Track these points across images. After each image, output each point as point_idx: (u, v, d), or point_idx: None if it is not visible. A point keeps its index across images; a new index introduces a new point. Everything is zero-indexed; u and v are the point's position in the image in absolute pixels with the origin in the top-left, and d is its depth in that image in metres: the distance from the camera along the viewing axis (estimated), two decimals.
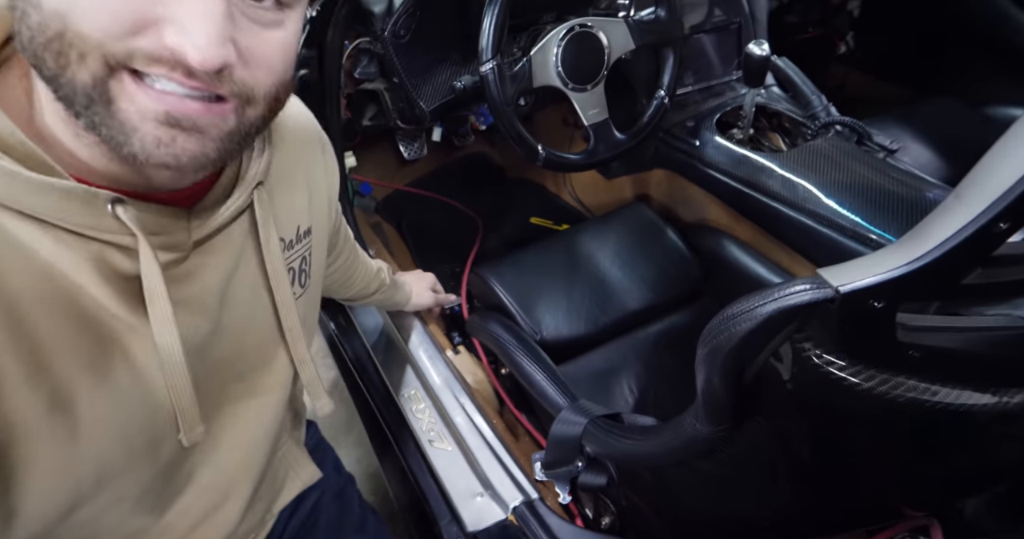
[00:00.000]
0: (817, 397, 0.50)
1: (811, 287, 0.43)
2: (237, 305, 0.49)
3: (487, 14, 0.94)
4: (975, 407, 0.46)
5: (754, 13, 1.25)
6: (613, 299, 1.13)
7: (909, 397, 0.46)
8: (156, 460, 0.46)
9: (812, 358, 0.48)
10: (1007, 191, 0.34)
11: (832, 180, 1.03)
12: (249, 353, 0.52)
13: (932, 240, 0.38)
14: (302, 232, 0.56)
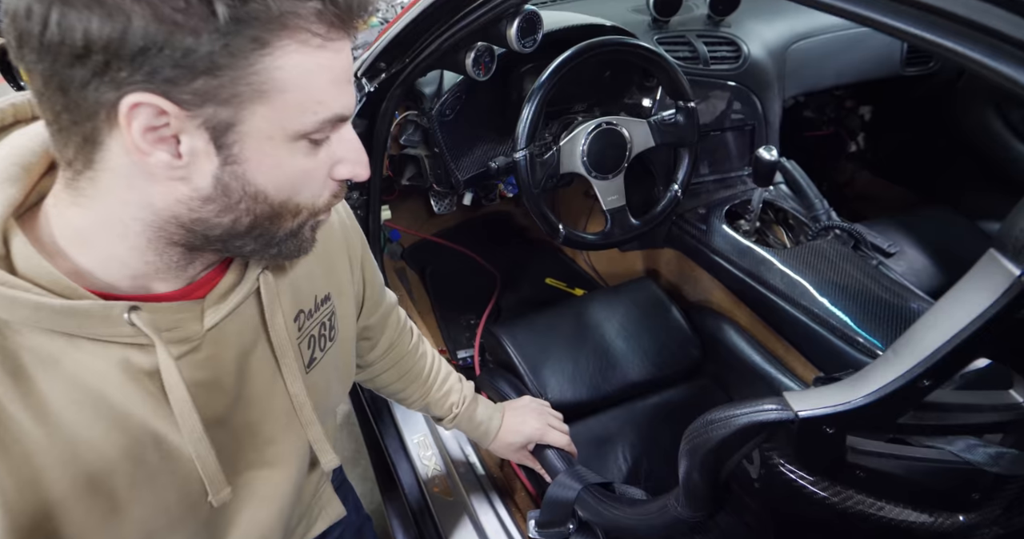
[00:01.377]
0: (780, 498, 0.58)
1: (777, 408, 0.52)
2: (255, 376, 0.54)
3: (526, 108, 1.06)
4: (914, 524, 0.53)
5: (767, 117, 1.36)
6: (616, 369, 1.21)
7: (857, 509, 0.54)
8: (195, 521, 0.53)
9: (777, 465, 0.56)
10: (929, 356, 0.43)
11: (828, 281, 1.11)
12: (274, 417, 0.58)
13: (873, 385, 0.46)
14: (319, 300, 0.61)
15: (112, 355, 0.44)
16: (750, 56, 1.36)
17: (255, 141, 0.40)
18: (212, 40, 0.35)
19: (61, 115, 0.38)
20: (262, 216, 0.44)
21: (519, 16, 0.97)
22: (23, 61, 0.37)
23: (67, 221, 0.43)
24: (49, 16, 0.34)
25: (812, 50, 1.40)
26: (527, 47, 1.02)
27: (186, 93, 0.37)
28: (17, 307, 0.40)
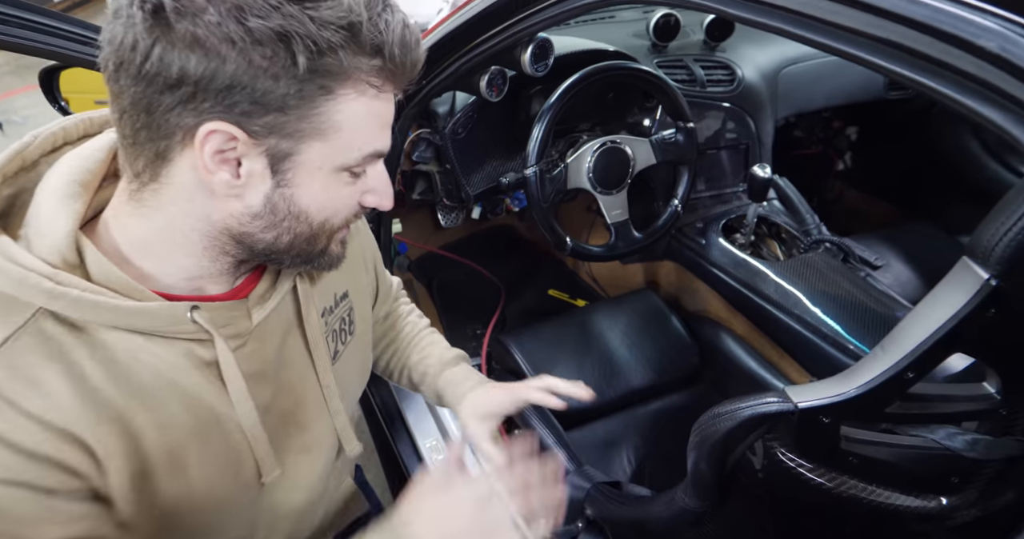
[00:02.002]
0: (781, 485, 0.64)
1: (778, 400, 0.58)
2: (290, 367, 0.60)
3: (536, 127, 1.12)
4: (901, 507, 0.59)
5: (761, 137, 1.44)
6: (619, 375, 1.26)
7: (851, 494, 0.60)
8: (246, 499, 0.59)
9: (778, 454, 0.62)
10: (912, 351, 0.49)
11: (819, 291, 1.18)
12: (306, 405, 0.64)
13: (863, 378, 0.52)
14: (339, 297, 0.67)
15: (178, 348, 0.50)
16: (744, 79, 1.44)
17: (306, 169, 0.46)
18: (288, 85, 0.41)
19: (140, 132, 0.43)
20: (300, 235, 0.50)
21: (533, 43, 1.04)
22: (116, 83, 0.42)
23: (130, 231, 0.48)
24: (152, 51, 0.39)
25: (802, 74, 1.48)
26: (539, 71, 1.09)
27: (256, 125, 0.42)
28: (99, 310, 0.45)
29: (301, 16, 0.40)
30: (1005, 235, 0.45)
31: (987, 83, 0.40)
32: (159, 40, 0.39)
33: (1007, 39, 0.38)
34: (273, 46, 0.40)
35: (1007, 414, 0.53)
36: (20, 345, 0.43)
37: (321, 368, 0.63)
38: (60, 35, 0.81)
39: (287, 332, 0.60)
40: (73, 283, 0.44)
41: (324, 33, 0.41)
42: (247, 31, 0.39)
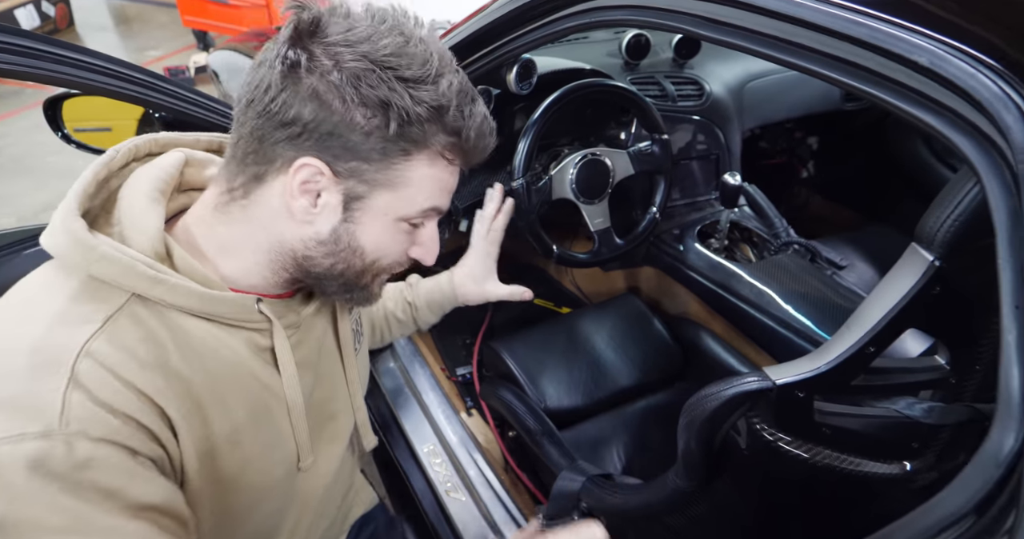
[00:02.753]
0: (765, 461, 0.70)
1: (758, 379, 0.64)
2: (326, 361, 0.68)
3: (522, 142, 1.19)
4: (870, 473, 0.66)
5: (730, 147, 1.53)
6: (607, 376, 1.32)
7: (825, 463, 0.66)
8: (286, 483, 0.64)
9: (760, 430, 0.68)
10: (872, 327, 0.56)
11: (790, 290, 1.26)
12: (336, 397, 0.70)
13: (831, 355, 0.59)
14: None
15: (241, 336, 0.57)
16: (712, 94, 1.53)
17: (372, 212, 0.55)
18: (376, 141, 0.51)
19: (249, 156, 0.52)
20: (352, 267, 0.58)
21: (518, 63, 1.11)
22: (244, 115, 0.52)
23: (214, 235, 0.56)
24: (279, 95, 0.50)
25: (765, 88, 1.58)
26: (524, 90, 1.16)
27: (341, 167, 0.52)
28: (189, 296, 0.52)
29: (403, 92, 0.50)
30: (945, 222, 0.52)
31: (921, 92, 0.47)
32: (287, 88, 0.49)
33: (935, 54, 0.45)
34: (374, 110, 0.50)
35: (956, 382, 0.60)
36: (120, 324, 0.50)
37: (348, 364, 0.70)
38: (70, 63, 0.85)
39: (325, 329, 0.67)
40: (169, 272, 0.51)
41: (417, 108, 0.50)
42: (358, 94, 0.49)
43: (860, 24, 0.49)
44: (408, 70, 0.50)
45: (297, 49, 0.49)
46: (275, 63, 0.49)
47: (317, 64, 0.49)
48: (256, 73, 0.51)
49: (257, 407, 0.58)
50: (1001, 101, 0.41)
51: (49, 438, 0.44)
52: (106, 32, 5.07)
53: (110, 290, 0.50)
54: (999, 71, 0.42)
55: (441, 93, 0.51)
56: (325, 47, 0.49)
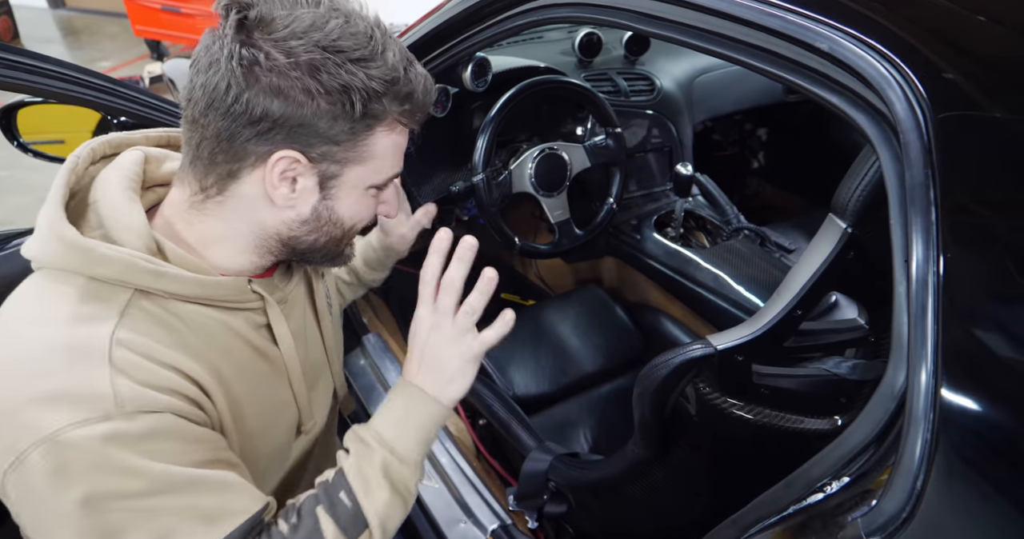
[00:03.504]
0: (713, 423, 0.75)
1: (702, 346, 0.69)
2: (308, 329, 0.73)
3: (480, 138, 1.23)
4: (806, 429, 0.71)
5: (682, 140, 1.60)
6: (572, 363, 1.37)
7: (766, 422, 0.71)
8: (287, 448, 0.69)
9: (707, 395, 0.73)
10: (797, 292, 0.61)
11: (743, 273, 1.32)
12: (318, 363, 0.75)
13: (764, 320, 0.64)
14: (322, 274, 0.79)
15: (240, 317, 0.61)
16: (662, 89, 1.59)
17: (347, 187, 0.59)
18: (343, 124, 0.54)
19: (217, 155, 0.54)
20: (334, 238, 0.62)
21: (472, 62, 1.15)
22: (204, 118, 0.52)
23: (196, 230, 0.59)
24: (242, 95, 0.51)
25: (713, 82, 1.65)
26: (480, 87, 1.20)
27: (315, 153, 0.55)
28: (191, 284, 0.55)
29: (359, 72, 0.52)
30: (855, 192, 0.58)
31: (826, 75, 0.53)
32: (249, 87, 0.51)
33: (834, 41, 0.51)
34: (337, 95, 0.52)
35: (875, 340, 0.66)
36: (134, 316, 0.53)
37: (325, 329, 0.75)
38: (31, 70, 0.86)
39: (304, 300, 0.72)
40: (167, 265, 0.54)
41: (373, 85, 0.53)
42: (320, 84, 0.51)
43: (773, 15, 0.55)
44: (358, 51, 0.52)
45: (249, 48, 0.50)
46: (230, 64, 0.50)
47: (274, 61, 0.50)
48: (209, 75, 0.51)
49: (263, 379, 0.63)
50: (886, 80, 0.46)
51: (111, 419, 0.48)
52: (53, 44, 4.94)
53: (112, 289, 0.53)
54: (885, 55, 0.47)
55: (391, 66, 0.54)
56: (275, 42, 0.50)
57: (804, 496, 0.49)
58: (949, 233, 0.41)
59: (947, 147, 0.43)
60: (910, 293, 0.42)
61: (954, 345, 0.40)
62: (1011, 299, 0.40)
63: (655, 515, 0.93)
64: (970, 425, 0.39)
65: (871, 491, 0.44)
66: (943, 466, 0.39)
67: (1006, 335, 0.40)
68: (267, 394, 0.64)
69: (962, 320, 0.40)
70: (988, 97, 0.45)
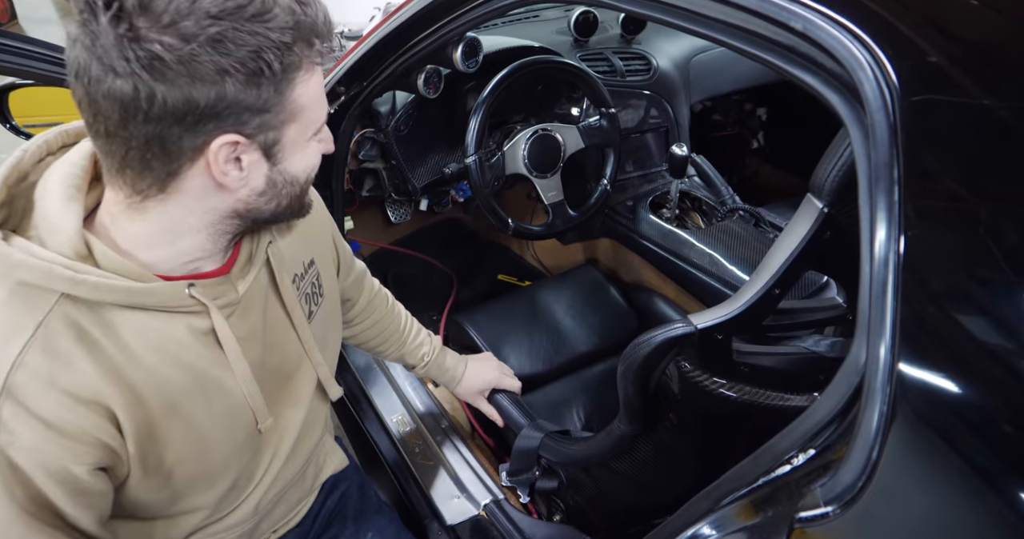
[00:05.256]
0: (695, 400, 0.76)
1: (683, 325, 0.70)
2: (273, 327, 0.70)
3: (473, 119, 1.23)
4: (787, 406, 0.72)
5: (678, 120, 1.59)
6: (566, 343, 1.38)
7: (747, 399, 0.73)
8: (251, 446, 0.70)
9: (689, 372, 0.74)
10: (776, 271, 0.62)
11: (736, 254, 1.33)
12: (289, 359, 0.74)
13: (743, 298, 0.65)
14: (307, 264, 0.77)
15: (179, 322, 0.59)
16: (659, 68, 1.58)
17: (290, 146, 0.56)
18: (267, 88, 0.50)
19: (151, 161, 0.50)
20: (294, 196, 0.60)
21: (463, 42, 1.15)
22: (124, 130, 0.48)
23: (131, 232, 0.56)
24: (156, 95, 0.46)
25: (710, 61, 1.64)
26: (471, 68, 1.20)
27: (250, 128, 0.51)
28: (114, 292, 0.53)
29: (263, 30, 0.48)
30: (831, 172, 0.58)
31: (802, 54, 0.53)
32: (160, 84, 0.46)
33: (807, 20, 0.51)
34: (253, 63, 0.48)
35: (852, 318, 0.66)
36: (52, 328, 0.52)
37: (299, 326, 0.73)
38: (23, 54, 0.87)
39: (267, 298, 0.69)
40: (89, 271, 0.52)
41: (281, 37, 0.49)
42: (232, 58, 0.47)
43: None
44: (251, 5, 0.47)
45: (140, 42, 0.45)
46: (129, 66, 0.45)
47: (174, 49, 0.45)
48: (109, 83, 0.46)
49: (207, 383, 0.62)
50: (857, 61, 0.46)
51: None
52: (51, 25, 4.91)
53: (40, 293, 0.52)
54: (858, 35, 0.47)
55: (287, 8, 0.49)
56: (165, 27, 0.45)
57: (772, 468, 0.50)
58: (912, 212, 0.42)
59: (914, 128, 0.43)
60: (872, 270, 0.43)
61: (913, 321, 0.41)
62: (971, 277, 0.41)
63: (642, 489, 0.95)
64: (926, 397, 0.40)
65: (834, 462, 0.45)
66: (899, 437, 0.40)
67: (964, 312, 0.41)
68: (211, 401, 0.62)
69: (921, 297, 0.41)
70: (960, 79, 0.46)
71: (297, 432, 0.76)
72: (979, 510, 0.37)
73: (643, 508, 0.98)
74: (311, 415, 0.79)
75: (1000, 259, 0.40)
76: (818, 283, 1.16)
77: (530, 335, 1.38)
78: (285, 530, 0.86)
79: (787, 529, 0.44)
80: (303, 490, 0.85)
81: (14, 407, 0.49)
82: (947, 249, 0.41)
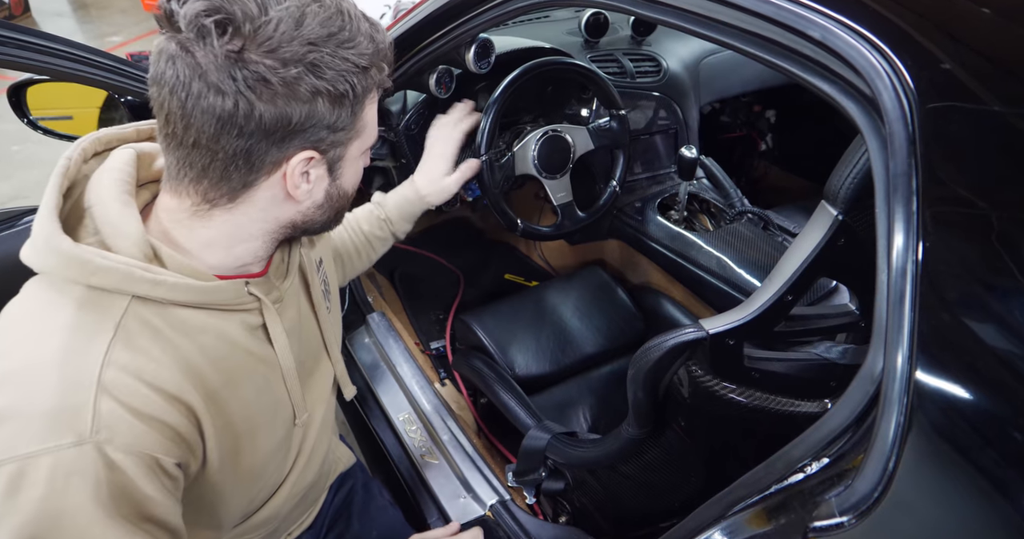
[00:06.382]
0: (705, 405, 0.77)
1: (695, 330, 0.70)
2: (304, 323, 0.74)
3: (484, 119, 1.23)
4: (796, 412, 0.73)
5: (687, 122, 1.59)
6: (573, 344, 1.39)
7: (757, 404, 0.73)
8: (288, 441, 0.72)
9: (699, 377, 0.74)
10: (788, 277, 0.62)
11: (745, 257, 1.33)
12: (315, 354, 0.77)
13: (755, 304, 0.65)
14: (318, 263, 0.79)
15: (234, 319, 0.62)
16: (669, 70, 1.58)
17: (349, 162, 0.61)
18: (346, 110, 0.55)
19: (233, 173, 0.54)
20: (341, 209, 0.65)
21: (475, 43, 1.15)
22: (216, 143, 0.51)
23: (196, 234, 0.58)
24: (254, 112, 0.50)
25: (720, 63, 1.63)
26: (483, 69, 1.20)
27: (325, 144, 0.56)
28: (188, 291, 0.56)
29: (350, 56, 0.53)
30: (846, 180, 0.58)
31: (818, 62, 0.53)
32: (262, 103, 0.50)
33: (826, 29, 0.51)
34: (342, 85, 0.53)
35: (865, 325, 0.66)
36: (129, 327, 0.53)
37: (323, 321, 0.76)
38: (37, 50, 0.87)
39: (299, 296, 0.73)
40: (165, 272, 0.54)
41: (363, 62, 0.54)
42: (325, 82, 0.52)
43: (767, 2, 0.55)
44: (343, 32, 0.52)
45: (247, 64, 0.49)
46: (236, 85, 0.49)
47: (277, 72, 0.49)
48: (210, 99, 0.49)
49: (258, 381, 0.64)
50: (875, 70, 0.46)
51: (81, 446, 0.48)
52: (63, 18, 4.94)
53: (110, 297, 0.53)
54: (876, 45, 0.47)
55: (368, 37, 0.54)
56: (268, 51, 0.49)
57: (785, 476, 0.50)
58: (930, 221, 0.42)
59: (932, 138, 0.43)
60: (890, 280, 0.43)
61: (930, 331, 0.41)
62: (988, 287, 0.41)
63: (649, 493, 0.95)
64: (943, 408, 0.40)
65: (848, 471, 0.45)
66: (915, 447, 0.40)
67: (981, 321, 0.41)
68: (261, 395, 0.65)
69: (939, 306, 0.41)
70: (978, 88, 0.46)
71: (318, 429, 0.77)
72: (997, 525, 0.37)
73: (649, 511, 0.98)
74: (328, 414, 0.81)
75: (1015, 269, 0.40)
76: (826, 288, 1.15)
77: (537, 336, 1.38)
78: (299, 531, 0.87)
79: (801, 538, 0.44)
80: (318, 489, 0.86)
81: (111, 403, 0.50)
82: (964, 259, 0.41)
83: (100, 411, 0.49)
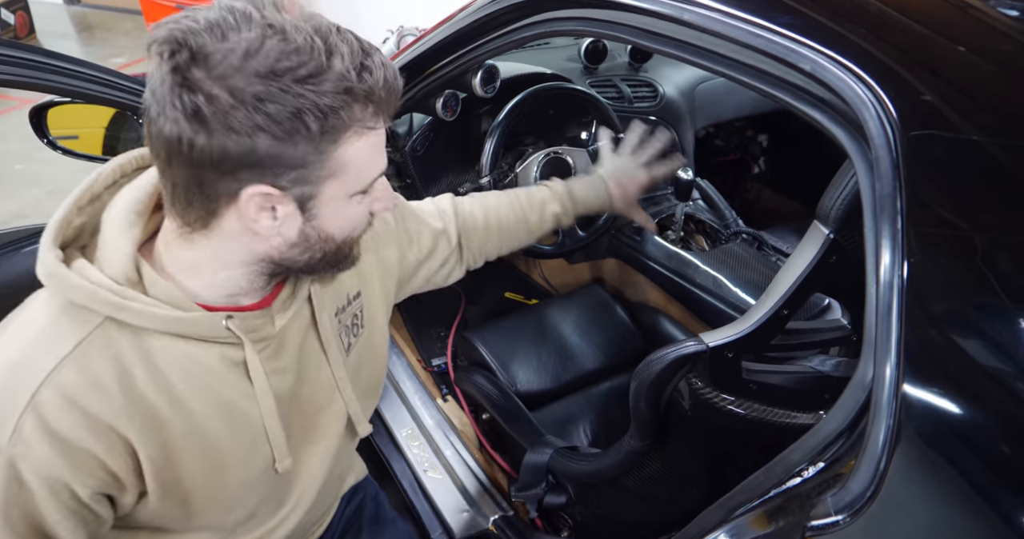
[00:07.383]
0: (705, 416, 0.79)
1: (695, 343, 0.73)
2: (308, 361, 0.70)
3: (488, 141, 1.27)
4: (793, 423, 0.75)
5: (683, 145, 1.64)
6: (573, 361, 1.41)
7: (755, 416, 0.76)
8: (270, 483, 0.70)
9: (699, 389, 0.77)
10: (784, 292, 0.66)
11: (740, 276, 1.36)
12: (321, 393, 0.74)
13: (752, 319, 0.68)
14: (351, 296, 0.75)
15: (214, 351, 0.60)
16: (665, 95, 1.63)
17: (327, 203, 0.56)
18: (305, 147, 0.51)
19: (192, 200, 0.53)
20: (329, 252, 0.60)
21: (482, 69, 1.20)
22: (170, 168, 0.52)
23: (181, 257, 0.58)
24: (195, 142, 0.49)
25: (714, 89, 1.69)
26: (489, 93, 1.24)
27: (284, 181, 0.52)
28: (155, 319, 0.56)
29: (307, 93, 0.49)
30: (837, 200, 0.62)
31: (808, 92, 0.57)
32: (199, 133, 0.49)
33: (815, 62, 0.55)
34: (290, 123, 0.49)
35: (857, 339, 0.70)
36: (91, 347, 0.54)
37: (334, 362, 0.73)
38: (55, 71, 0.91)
39: (305, 332, 0.70)
40: (135, 297, 0.55)
41: (326, 100, 0.50)
42: (268, 116, 0.48)
43: (759, 36, 0.59)
44: (302, 67, 0.49)
45: (190, 92, 0.48)
46: (175, 112, 0.48)
47: (217, 102, 0.48)
48: (160, 124, 0.49)
49: (233, 412, 0.62)
50: (861, 101, 0.50)
51: None
52: (68, 40, 5.01)
53: (88, 313, 0.54)
54: (861, 77, 0.52)
55: (340, 74, 0.50)
56: (215, 79, 0.48)
57: (783, 480, 0.53)
58: (914, 239, 0.46)
59: (914, 162, 0.47)
60: (878, 294, 0.46)
61: (916, 342, 0.44)
62: (969, 300, 0.45)
63: (650, 505, 0.97)
64: (928, 413, 0.43)
65: (843, 474, 0.48)
66: (904, 450, 0.43)
67: (964, 333, 0.44)
68: (237, 431, 0.63)
69: (924, 319, 0.44)
70: (956, 119, 0.50)
71: (326, 463, 0.76)
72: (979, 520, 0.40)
73: (650, 524, 1.00)
74: (340, 452, 0.79)
75: (995, 285, 0.44)
76: (820, 305, 1.19)
77: (538, 353, 1.40)
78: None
79: (800, 537, 0.46)
80: (325, 506, 0.86)
81: (35, 421, 0.51)
82: (947, 275, 0.45)
83: (22, 427, 0.51)
